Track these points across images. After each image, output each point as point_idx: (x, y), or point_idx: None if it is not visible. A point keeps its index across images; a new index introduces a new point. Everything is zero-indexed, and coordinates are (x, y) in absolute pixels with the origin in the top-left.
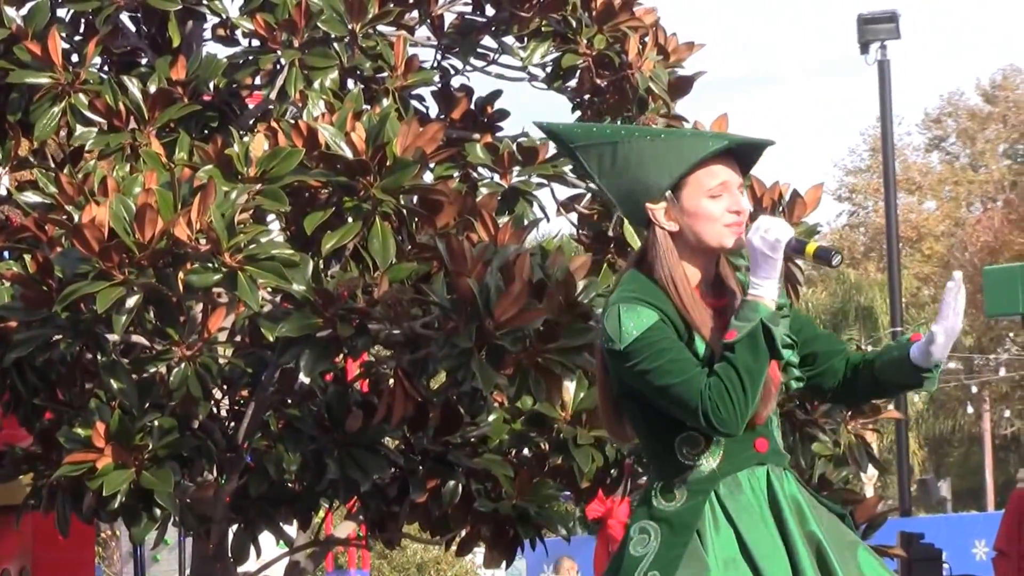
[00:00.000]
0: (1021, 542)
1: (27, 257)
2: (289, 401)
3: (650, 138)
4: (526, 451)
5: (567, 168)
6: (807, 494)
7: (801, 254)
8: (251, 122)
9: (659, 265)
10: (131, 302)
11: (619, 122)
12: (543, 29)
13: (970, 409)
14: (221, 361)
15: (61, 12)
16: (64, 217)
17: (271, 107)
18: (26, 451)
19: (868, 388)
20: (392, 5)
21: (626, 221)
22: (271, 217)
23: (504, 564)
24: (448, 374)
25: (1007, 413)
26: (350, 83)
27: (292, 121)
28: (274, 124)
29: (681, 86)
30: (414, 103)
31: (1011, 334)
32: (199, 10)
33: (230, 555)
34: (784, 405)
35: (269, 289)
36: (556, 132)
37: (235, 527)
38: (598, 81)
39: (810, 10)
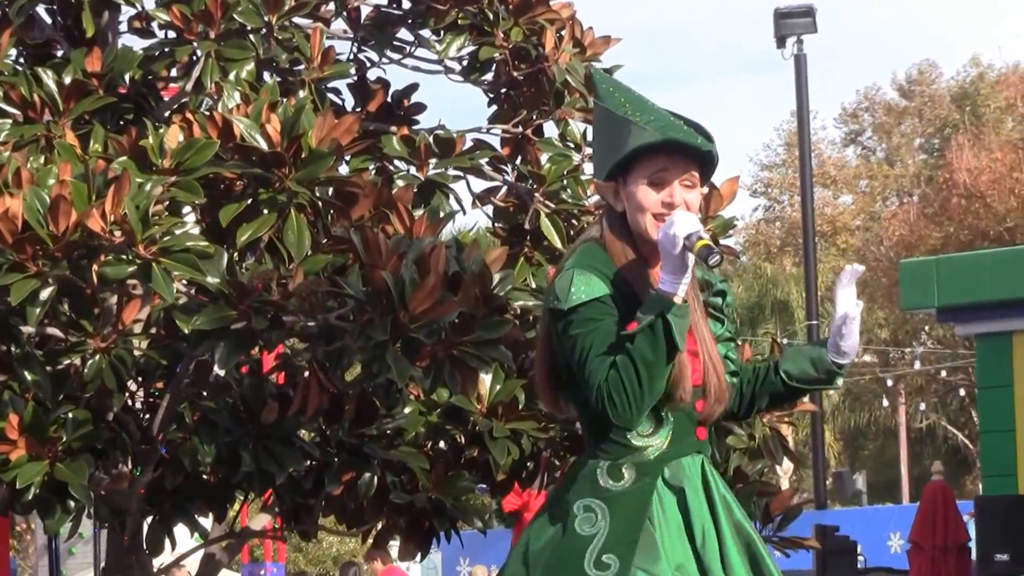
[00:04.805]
0: (935, 535)
1: None
2: (204, 393)
3: (615, 113)
4: (442, 444)
5: (483, 161)
6: (724, 486)
7: (691, 252)
8: (167, 114)
9: (607, 240)
10: (45, 294)
11: (535, 115)
12: (459, 22)
13: (885, 402)
14: (136, 353)
15: None
16: None
17: (187, 99)
18: None
19: (766, 397)
20: None
21: (542, 214)
22: (186, 209)
23: (419, 556)
24: (363, 366)
25: (922, 406)
26: (266, 75)
27: (207, 113)
28: (189, 116)
29: None
30: (330, 96)
31: (926, 327)
32: (115, 1)
33: (145, 547)
34: None
35: (184, 281)
36: (594, 80)
37: (150, 519)
38: (515, 74)
39: (727, 4)
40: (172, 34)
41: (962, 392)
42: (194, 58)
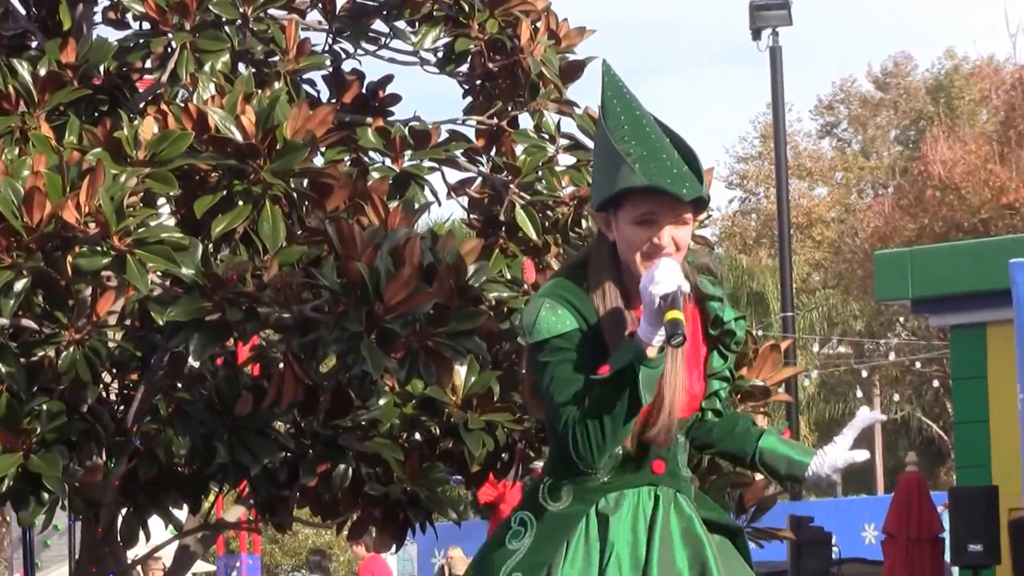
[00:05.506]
0: (910, 526)
1: None
2: (179, 385)
3: (610, 140)
4: (417, 435)
5: (458, 152)
6: (698, 519)
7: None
8: (141, 105)
9: (591, 270)
10: (19, 286)
11: (510, 107)
12: (435, 13)
13: (860, 393)
14: (110, 345)
15: None
16: None
17: (161, 90)
18: None
19: (726, 451)
20: None
21: (517, 205)
22: (161, 200)
23: (394, 548)
24: (338, 358)
25: (896, 397)
26: (241, 67)
27: (182, 104)
28: (164, 107)
29: (572, 71)
30: (305, 87)
31: (901, 319)
32: None
33: (119, 539)
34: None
35: (158, 273)
36: (602, 84)
37: (124, 511)
38: (490, 66)
39: None
40: (147, 25)
41: (936, 383)
42: (169, 49)
